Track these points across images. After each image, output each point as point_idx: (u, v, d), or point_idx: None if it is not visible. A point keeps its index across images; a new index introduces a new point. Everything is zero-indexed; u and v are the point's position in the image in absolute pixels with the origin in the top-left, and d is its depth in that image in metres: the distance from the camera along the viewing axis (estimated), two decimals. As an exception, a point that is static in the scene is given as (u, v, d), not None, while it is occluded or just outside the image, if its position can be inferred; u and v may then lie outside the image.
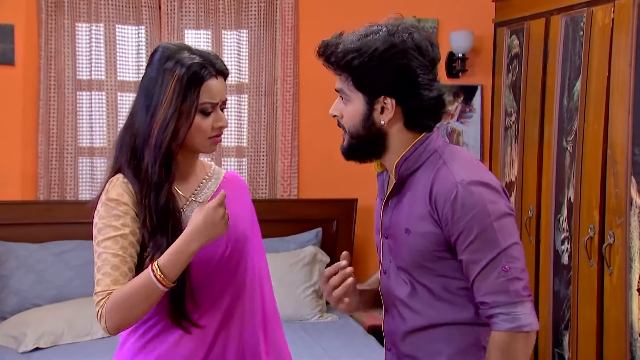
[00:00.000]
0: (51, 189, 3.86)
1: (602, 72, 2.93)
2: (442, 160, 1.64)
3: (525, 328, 1.56)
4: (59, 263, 3.63)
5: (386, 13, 4.57)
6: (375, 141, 1.66)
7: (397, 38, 1.61)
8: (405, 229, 1.65)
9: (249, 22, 4.04)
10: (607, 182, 2.90)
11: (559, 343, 3.25)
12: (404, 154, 1.66)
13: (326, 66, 1.68)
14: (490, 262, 1.57)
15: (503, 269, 1.56)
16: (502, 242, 1.57)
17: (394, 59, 1.60)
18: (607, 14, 2.92)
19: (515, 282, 1.57)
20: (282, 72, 4.04)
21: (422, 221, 1.62)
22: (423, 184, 1.63)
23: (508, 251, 1.58)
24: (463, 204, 1.56)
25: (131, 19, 3.93)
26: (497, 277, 1.56)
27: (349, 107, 1.67)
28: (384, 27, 1.64)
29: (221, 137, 1.77)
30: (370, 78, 1.62)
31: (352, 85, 1.64)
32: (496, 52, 3.97)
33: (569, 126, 3.18)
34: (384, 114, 1.63)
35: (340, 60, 1.63)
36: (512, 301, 1.56)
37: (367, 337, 3.49)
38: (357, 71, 1.62)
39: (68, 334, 3.30)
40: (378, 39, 1.61)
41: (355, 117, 1.65)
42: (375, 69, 1.60)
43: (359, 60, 1.60)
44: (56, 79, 3.84)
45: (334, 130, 4.18)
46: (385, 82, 1.62)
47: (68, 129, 3.86)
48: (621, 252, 2.79)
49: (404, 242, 1.66)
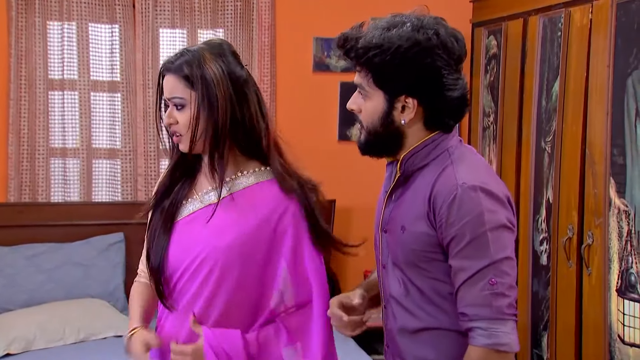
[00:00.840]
0: (22, 191, 3.79)
1: (581, 73, 2.93)
2: (450, 159, 1.59)
3: (502, 347, 1.49)
4: (31, 266, 3.57)
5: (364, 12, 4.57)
6: (392, 139, 1.61)
7: (422, 35, 1.52)
8: (401, 226, 1.61)
9: (225, 21, 3.99)
10: (586, 182, 2.90)
11: (537, 344, 3.25)
12: (412, 149, 1.61)
13: (345, 60, 1.61)
14: (478, 272, 1.50)
15: (489, 282, 1.50)
16: (494, 254, 1.50)
17: (417, 58, 1.52)
18: (585, 14, 2.92)
19: (500, 298, 1.50)
20: (259, 71, 4.00)
21: (418, 221, 1.58)
22: (427, 182, 1.58)
23: (498, 264, 1.51)
24: (460, 207, 1.51)
25: (104, 18, 3.87)
26: (482, 289, 1.50)
27: (368, 103, 1.60)
28: (408, 20, 1.55)
29: (177, 137, 1.74)
30: (391, 77, 1.55)
31: (373, 82, 1.57)
32: (474, 53, 3.96)
33: (548, 127, 3.18)
34: (404, 113, 1.57)
35: (360, 56, 1.56)
36: (493, 317, 1.50)
37: (346, 340, 3.45)
38: (378, 68, 1.55)
39: (40, 339, 3.24)
40: (402, 35, 1.52)
41: (374, 114, 1.59)
42: (398, 67, 1.53)
43: (380, 57, 1.53)
44: (27, 78, 3.77)
45: (312, 130, 4.19)
46: (408, 82, 1.54)
47: (39, 129, 3.79)
48: (600, 253, 2.79)
49: (399, 239, 1.62)
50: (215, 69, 1.71)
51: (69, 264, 3.62)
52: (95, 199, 3.93)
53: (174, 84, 1.72)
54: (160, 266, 1.76)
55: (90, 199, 3.90)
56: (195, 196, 1.80)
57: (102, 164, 3.95)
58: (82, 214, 3.79)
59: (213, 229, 1.74)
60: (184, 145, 1.74)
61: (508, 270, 1.52)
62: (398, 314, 1.66)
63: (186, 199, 1.80)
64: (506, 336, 1.50)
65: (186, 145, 1.73)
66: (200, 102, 1.69)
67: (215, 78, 1.71)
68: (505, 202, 1.56)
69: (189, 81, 1.70)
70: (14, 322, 3.31)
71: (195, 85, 1.70)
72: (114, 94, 3.93)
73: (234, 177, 1.78)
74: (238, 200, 1.75)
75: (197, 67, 1.70)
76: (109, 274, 3.64)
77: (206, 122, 1.71)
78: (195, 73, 1.70)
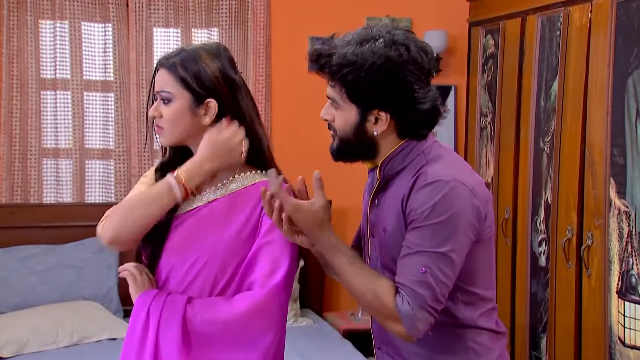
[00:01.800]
0: (14, 192, 3.74)
1: (580, 73, 2.90)
2: (426, 160, 1.63)
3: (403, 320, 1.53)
4: (23, 268, 3.52)
5: (359, 12, 4.53)
6: (365, 147, 1.65)
7: (394, 51, 1.57)
8: (383, 228, 1.65)
9: (220, 20, 3.95)
10: (585, 183, 2.87)
11: (536, 346, 3.22)
12: (389, 154, 1.65)
13: (318, 74, 1.64)
14: (416, 253, 1.55)
15: (421, 270, 1.54)
16: (437, 245, 1.54)
17: (390, 74, 1.57)
18: (584, 13, 2.90)
19: (424, 288, 1.53)
20: (254, 71, 3.96)
21: (396, 221, 1.61)
22: (404, 183, 1.62)
23: (438, 256, 1.54)
24: (428, 195, 1.55)
25: (97, 17, 3.83)
26: (413, 273, 1.54)
27: (340, 114, 1.63)
28: (379, 36, 1.59)
29: (158, 129, 1.74)
30: (365, 92, 1.59)
31: (346, 96, 1.61)
32: (471, 52, 3.94)
33: (546, 127, 3.16)
34: (377, 125, 1.62)
35: (335, 72, 1.59)
36: (414, 302, 1.53)
37: (343, 342, 3.43)
38: (351, 84, 1.58)
39: (33, 342, 3.20)
40: (375, 52, 1.56)
41: (347, 125, 1.63)
42: (371, 83, 1.57)
43: (354, 74, 1.57)
44: (19, 77, 3.72)
45: (307, 130, 4.15)
46: (380, 97, 1.59)
47: (31, 129, 3.74)
48: (600, 254, 2.76)
49: (383, 241, 1.66)
50: (210, 68, 1.72)
51: (61, 266, 3.57)
52: (88, 200, 3.88)
53: (165, 78, 1.72)
54: (154, 265, 1.75)
55: (83, 200, 3.85)
56: (190, 195, 1.76)
57: (95, 164, 3.91)
58: (75, 215, 3.74)
59: (209, 227, 1.72)
60: (165, 139, 1.76)
61: (437, 264, 1.54)
62: None
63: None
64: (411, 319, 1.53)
65: (166, 140, 1.75)
66: (192, 99, 1.71)
67: (209, 76, 1.71)
68: (475, 203, 1.57)
69: (181, 78, 1.71)
70: (6, 325, 3.26)
71: (187, 81, 1.70)
72: (107, 94, 3.89)
73: (231, 179, 1.76)
74: (233, 200, 1.74)
75: (192, 64, 1.71)
76: (103, 276, 3.60)
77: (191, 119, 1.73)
78: (191, 69, 1.70)
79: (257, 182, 1.75)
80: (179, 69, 1.70)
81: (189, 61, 1.70)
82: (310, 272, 3.86)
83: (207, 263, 1.70)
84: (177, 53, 1.73)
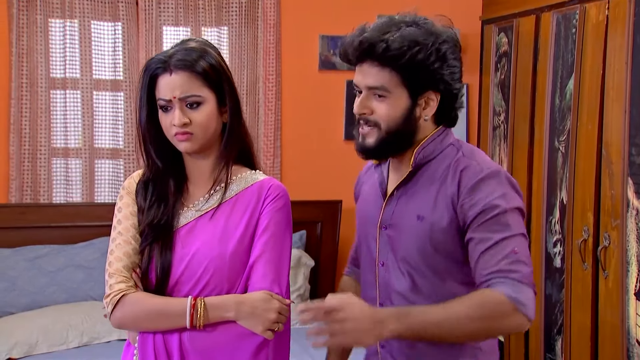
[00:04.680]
0: (24, 192, 3.73)
1: (597, 71, 2.86)
2: (461, 152, 1.65)
3: (521, 306, 1.49)
4: (33, 269, 3.51)
5: (370, 10, 4.49)
6: (409, 136, 1.64)
7: (444, 32, 1.61)
8: (417, 216, 1.62)
9: (230, 19, 3.92)
10: (602, 183, 2.83)
11: (551, 348, 3.18)
12: (423, 142, 1.65)
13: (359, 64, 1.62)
14: (500, 241, 1.54)
15: (513, 251, 1.53)
16: (514, 229, 1.55)
17: (444, 53, 1.60)
18: (601, 10, 2.85)
19: (523, 265, 1.52)
20: (264, 70, 3.93)
21: (439, 207, 1.60)
22: (442, 170, 1.62)
23: (519, 237, 1.56)
24: (487, 187, 1.56)
25: (107, 15, 3.81)
26: (505, 257, 1.53)
27: (385, 103, 1.61)
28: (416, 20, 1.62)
29: (187, 136, 1.65)
30: (423, 73, 1.59)
31: (400, 80, 1.59)
32: (483, 50, 3.90)
33: (561, 126, 3.11)
34: (427, 109, 1.63)
35: (395, 57, 1.56)
36: (518, 279, 1.51)
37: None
38: (411, 66, 1.57)
39: (43, 344, 3.18)
40: (432, 32, 1.59)
41: (396, 113, 1.61)
42: (431, 63, 1.58)
43: (419, 55, 1.57)
44: (29, 77, 3.71)
45: (318, 129, 4.11)
46: (436, 77, 1.60)
47: (41, 129, 3.73)
48: (617, 255, 2.72)
49: (412, 230, 1.63)
50: (223, 65, 1.70)
51: (71, 266, 3.56)
52: (98, 199, 3.86)
53: (188, 81, 1.64)
54: (163, 279, 1.69)
55: (92, 199, 3.84)
56: (187, 206, 1.73)
57: (105, 164, 3.89)
58: (85, 215, 3.72)
59: (213, 236, 1.68)
60: (194, 144, 1.66)
61: (524, 246, 1.57)
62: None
63: (177, 210, 1.72)
64: (528, 300, 1.51)
65: (196, 145, 1.67)
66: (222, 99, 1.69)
67: (226, 75, 1.70)
68: (519, 191, 1.64)
69: (207, 79, 1.65)
70: (15, 326, 3.25)
71: (212, 82, 1.66)
72: (116, 93, 3.87)
73: (230, 182, 1.73)
74: (232, 206, 1.71)
75: (212, 64, 1.66)
76: (113, 277, 3.58)
77: (218, 120, 1.70)
78: (213, 69, 1.66)
79: (254, 182, 1.73)
80: (206, 71, 1.64)
81: (206, 61, 1.65)
82: (321, 273, 3.82)
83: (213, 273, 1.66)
84: (187, 53, 1.65)
